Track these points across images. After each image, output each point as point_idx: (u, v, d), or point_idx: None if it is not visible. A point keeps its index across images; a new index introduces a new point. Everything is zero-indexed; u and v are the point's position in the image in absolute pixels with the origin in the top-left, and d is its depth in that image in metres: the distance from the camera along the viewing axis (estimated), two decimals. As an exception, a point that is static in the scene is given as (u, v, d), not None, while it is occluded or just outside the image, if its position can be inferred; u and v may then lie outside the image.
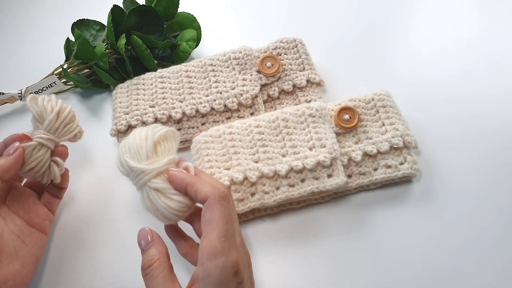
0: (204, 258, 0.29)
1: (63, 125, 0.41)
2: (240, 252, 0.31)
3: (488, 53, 0.55)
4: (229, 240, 0.30)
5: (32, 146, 0.39)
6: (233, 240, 0.31)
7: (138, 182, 0.34)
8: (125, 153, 0.35)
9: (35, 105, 0.41)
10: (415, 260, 0.38)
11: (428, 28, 0.60)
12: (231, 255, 0.29)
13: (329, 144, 0.41)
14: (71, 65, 0.58)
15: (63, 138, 0.42)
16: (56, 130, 0.41)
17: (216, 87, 0.50)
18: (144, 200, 0.34)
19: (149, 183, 0.33)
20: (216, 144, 0.44)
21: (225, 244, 0.30)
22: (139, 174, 0.34)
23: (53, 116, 0.41)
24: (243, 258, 0.31)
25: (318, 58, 0.54)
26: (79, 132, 0.44)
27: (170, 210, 0.33)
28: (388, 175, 0.42)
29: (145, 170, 0.33)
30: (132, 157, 0.34)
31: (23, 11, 0.76)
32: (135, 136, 0.35)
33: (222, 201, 0.31)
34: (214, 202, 0.31)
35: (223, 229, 0.30)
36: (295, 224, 0.42)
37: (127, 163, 0.34)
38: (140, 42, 0.55)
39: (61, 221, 0.46)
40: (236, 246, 0.31)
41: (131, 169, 0.34)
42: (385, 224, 0.41)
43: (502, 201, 0.41)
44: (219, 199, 0.31)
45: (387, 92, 0.46)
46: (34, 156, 0.39)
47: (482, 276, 0.37)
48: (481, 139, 0.46)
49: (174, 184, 0.34)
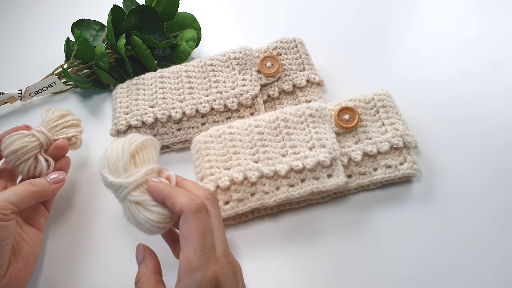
0: (182, 275, 0.29)
1: (61, 126, 0.45)
2: (220, 263, 0.30)
3: (488, 53, 0.55)
4: (207, 254, 0.29)
5: (23, 134, 0.42)
6: (211, 253, 0.30)
7: (118, 195, 0.34)
8: (103, 168, 0.34)
9: (46, 112, 0.46)
10: (415, 260, 0.38)
11: (428, 28, 0.60)
12: (208, 269, 0.29)
13: (329, 144, 0.41)
14: (71, 65, 0.58)
15: (58, 137, 0.44)
16: (53, 128, 0.44)
17: (216, 87, 0.50)
18: (126, 214, 0.34)
19: (128, 197, 0.33)
20: (216, 144, 0.44)
21: (202, 258, 0.29)
22: (118, 188, 0.33)
23: (54, 116, 0.45)
24: (225, 269, 0.30)
25: (318, 58, 0.54)
26: (75, 137, 0.46)
27: (150, 223, 0.32)
28: (388, 175, 0.42)
29: (123, 184, 0.33)
30: (110, 171, 0.34)
31: (23, 11, 0.76)
32: (112, 149, 0.35)
33: (198, 213, 0.31)
34: (189, 215, 0.30)
35: (199, 243, 0.30)
36: (295, 224, 0.42)
37: (105, 178, 0.34)
38: (140, 42, 0.55)
39: (60, 221, 0.46)
40: (216, 258, 0.30)
41: (110, 184, 0.34)
42: (385, 224, 0.41)
43: (502, 201, 0.41)
44: (194, 211, 0.31)
45: (387, 92, 0.46)
46: (22, 140, 0.41)
47: (482, 276, 0.37)
48: (481, 139, 0.46)
49: (153, 196, 0.33)
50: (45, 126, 0.44)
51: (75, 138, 0.46)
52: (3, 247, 0.35)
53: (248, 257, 0.40)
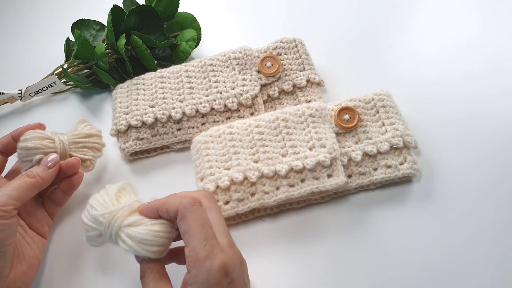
0: (191, 266, 0.30)
1: (82, 145, 0.44)
2: (226, 252, 0.30)
3: (488, 53, 0.55)
4: (211, 242, 0.30)
5: (46, 136, 0.42)
6: (214, 241, 0.30)
7: (113, 228, 0.33)
8: (91, 211, 0.35)
9: (79, 123, 0.45)
10: (415, 260, 0.38)
11: (428, 28, 0.60)
12: (215, 257, 0.29)
13: (329, 144, 0.41)
14: (71, 65, 0.58)
15: (73, 154, 0.43)
16: (75, 143, 0.43)
17: (216, 87, 0.50)
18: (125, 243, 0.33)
19: (124, 223, 0.33)
20: (216, 144, 0.44)
21: (207, 247, 0.29)
22: (110, 220, 0.33)
23: (82, 133, 0.44)
24: (232, 258, 0.31)
25: (318, 58, 0.54)
26: (90, 161, 0.45)
27: (154, 234, 0.32)
28: (388, 175, 0.42)
29: (116, 211, 0.34)
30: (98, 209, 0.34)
31: (23, 11, 0.76)
32: (94, 198, 0.36)
33: (192, 207, 0.31)
34: (184, 212, 0.31)
35: (201, 233, 0.30)
36: (295, 224, 0.42)
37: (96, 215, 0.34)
38: (140, 42, 0.55)
39: (59, 221, 0.46)
40: (221, 247, 0.30)
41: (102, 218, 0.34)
42: (385, 224, 0.41)
43: (502, 201, 0.41)
44: (188, 206, 0.31)
45: (387, 92, 0.46)
46: (40, 141, 0.41)
47: (482, 276, 0.37)
48: (481, 139, 0.46)
49: (148, 216, 0.34)
50: (68, 137, 0.43)
51: (89, 162, 0.45)
52: (7, 246, 0.35)
53: (248, 257, 0.40)
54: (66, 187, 0.43)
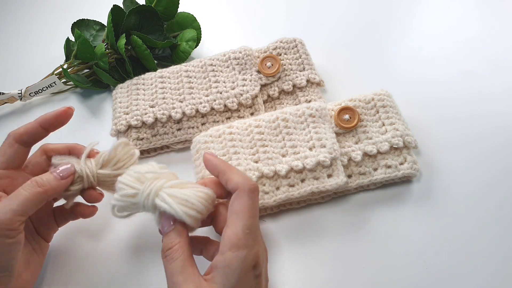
0: (226, 248, 0.29)
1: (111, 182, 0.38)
2: (261, 245, 0.32)
3: (488, 53, 0.55)
4: (253, 233, 0.30)
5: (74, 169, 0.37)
6: (257, 233, 0.31)
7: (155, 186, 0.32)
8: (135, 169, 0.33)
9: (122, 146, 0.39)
10: (415, 260, 0.38)
11: (428, 28, 0.60)
12: (253, 248, 0.30)
13: (329, 144, 0.41)
14: (71, 65, 0.58)
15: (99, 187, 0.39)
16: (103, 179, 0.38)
17: (216, 87, 0.50)
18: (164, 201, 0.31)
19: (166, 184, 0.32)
20: (216, 144, 0.44)
21: (249, 236, 0.30)
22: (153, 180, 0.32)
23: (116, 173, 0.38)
24: (264, 252, 0.32)
25: (318, 58, 0.54)
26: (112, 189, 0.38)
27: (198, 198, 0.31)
28: (388, 175, 0.42)
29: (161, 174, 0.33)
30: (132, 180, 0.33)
31: (23, 11, 0.76)
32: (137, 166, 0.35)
33: (252, 194, 0.31)
34: (243, 194, 0.31)
35: (248, 221, 0.30)
36: (295, 224, 0.42)
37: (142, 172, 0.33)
38: (140, 42, 0.55)
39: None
40: (258, 240, 0.31)
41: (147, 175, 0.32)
42: (385, 224, 0.41)
43: (502, 201, 0.41)
44: (248, 191, 0.31)
45: (387, 92, 0.46)
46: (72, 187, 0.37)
47: (482, 276, 0.37)
48: (481, 139, 0.46)
49: (208, 169, 0.34)
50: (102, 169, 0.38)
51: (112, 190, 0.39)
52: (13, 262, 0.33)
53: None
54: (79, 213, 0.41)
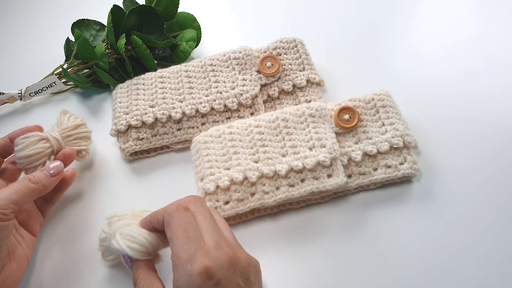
0: (174, 270, 0.30)
1: (74, 137, 0.45)
2: (211, 254, 0.29)
3: (488, 52, 0.55)
4: (192, 246, 0.30)
5: (39, 136, 0.42)
6: (196, 245, 0.30)
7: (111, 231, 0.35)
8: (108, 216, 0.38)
9: (62, 115, 0.47)
10: (415, 260, 0.38)
11: (428, 28, 0.60)
12: (196, 260, 0.29)
13: (329, 144, 0.41)
14: (71, 65, 0.58)
15: (68, 146, 0.45)
16: (67, 137, 0.45)
17: (216, 87, 0.50)
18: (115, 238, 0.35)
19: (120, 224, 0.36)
20: (216, 144, 0.44)
21: (188, 251, 0.29)
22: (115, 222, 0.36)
23: (70, 125, 0.45)
24: (217, 260, 0.29)
25: (318, 58, 0.54)
26: (85, 151, 0.47)
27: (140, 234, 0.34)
28: (388, 175, 0.42)
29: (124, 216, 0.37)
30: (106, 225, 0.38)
31: (23, 11, 0.76)
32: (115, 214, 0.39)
33: (175, 213, 0.32)
34: (168, 219, 0.32)
35: (183, 237, 0.30)
36: (295, 224, 0.42)
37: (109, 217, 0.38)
38: (140, 42, 0.55)
39: (58, 220, 0.46)
40: (205, 250, 0.30)
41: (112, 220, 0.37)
42: (385, 224, 0.41)
43: (502, 201, 0.41)
44: (171, 213, 0.32)
45: (387, 92, 0.46)
46: (37, 145, 0.42)
47: (482, 276, 0.37)
48: (481, 139, 0.46)
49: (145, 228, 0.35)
50: (59, 132, 0.44)
51: (84, 151, 0.46)
52: (1, 247, 0.35)
53: (248, 257, 0.40)
54: (59, 184, 0.43)
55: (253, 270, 0.32)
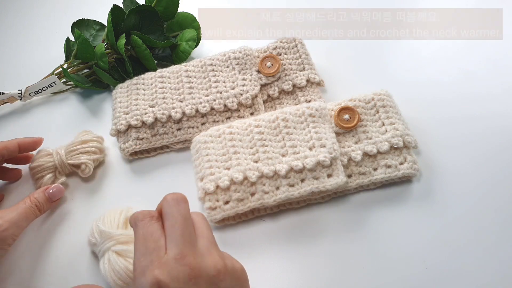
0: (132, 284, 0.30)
1: (77, 151, 0.47)
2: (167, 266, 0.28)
3: (488, 53, 0.55)
4: (148, 257, 0.28)
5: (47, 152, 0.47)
6: (154, 255, 0.28)
7: (103, 246, 0.38)
8: (99, 221, 0.40)
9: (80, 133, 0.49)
10: (415, 260, 0.38)
11: (428, 28, 0.60)
12: (148, 273, 0.27)
13: (329, 144, 0.41)
14: (71, 65, 0.58)
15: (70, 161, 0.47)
16: (70, 152, 0.47)
17: (216, 87, 0.50)
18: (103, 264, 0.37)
19: (113, 248, 0.38)
20: (216, 144, 0.44)
21: (144, 263, 0.28)
22: (106, 239, 0.38)
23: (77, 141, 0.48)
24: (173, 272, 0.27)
25: (318, 58, 0.54)
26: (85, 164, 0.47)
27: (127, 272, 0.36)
28: (388, 175, 0.42)
29: (113, 235, 0.38)
30: (104, 225, 0.40)
31: (23, 11, 0.76)
32: (110, 212, 0.41)
33: (139, 223, 0.30)
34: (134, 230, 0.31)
35: (141, 248, 0.29)
36: (295, 224, 0.42)
37: (99, 228, 0.40)
38: (140, 42, 0.55)
39: (58, 220, 0.46)
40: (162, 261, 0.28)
41: (100, 233, 0.39)
42: (385, 224, 0.41)
43: (502, 201, 0.41)
44: (135, 222, 0.31)
45: (387, 92, 0.46)
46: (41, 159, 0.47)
47: (482, 276, 0.37)
48: (481, 139, 0.46)
49: None
50: (65, 148, 0.47)
51: (84, 165, 0.47)
52: None
53: (248, 257, 0.40)
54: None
55: (228, 277, 0.29)
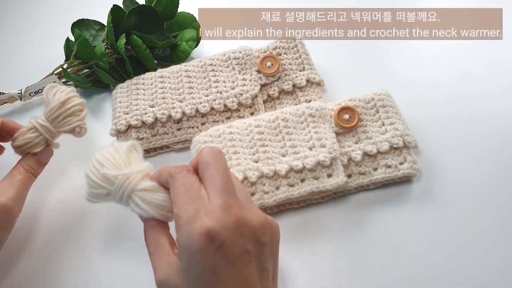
0: (176, 231, 0.29)
1: (63, 116, 0.42)
2: (214, 215, 0.28)
3: (488, 53, 0.55)
4: (193, 206, 0.28)
5: (28, 127, 0.42)
6: (199, 204, 0.28)
7: (125, 191, 0.32)
8: (101, 169, 0.33)
9: (49, 93, 0.43)
10: (415, 260, 0.38)
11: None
12: (196, 221, 0.27)
13: (329, 144, 0.41)
14: (71, 65, 0.58)
15: (60, 129, 0.42)
16: (55, 119, 0.42)
17: (216, 87, 0.50)
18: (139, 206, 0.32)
19: (137, 187, 0.32)
20: (216, 144, 0.44)
21: (189, 211, 0.28)
22: (124, 182, 0.32)
23: (55, 105, 0.42)
24: (221, 221, 0.28)
25: (318, 58, 0.54)
26: (79, 127, 0.43)
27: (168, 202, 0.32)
28: (388, 175, 0.42)
29: (131, 174, 0.32)
30: (110, 168, 0.33)
31: (23, 11, 0.76)
32: (102, 154, 0.34)
33: (177, 175, 0.30)
34: (170, 181, 0.31)
35: (184, 197, 0.29)
36: (295, 224, 0.42)
37: (108, 175, 0.32)
38: (140, 42, 0.55)
39: (57, 220, 0.46)
40: (208, 210, 0.28)
41: (114, 179, 0.32)
42: (385, 224, 0.41)
43: (502, 201, 0.41)
44: (173, 174, 0.31)
45: (387, 92, 0.46)
46: (26, 135, 0.41)
47: (482, 276, 0.37)
48: (481, 139, 0.46)
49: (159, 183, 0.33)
50: (46, 117, 0.42)
51: (78, 128, 0.43)
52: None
53: (248, 257, 0.40)
54: None
55: (268, 231, 0.30)
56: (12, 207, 0.38)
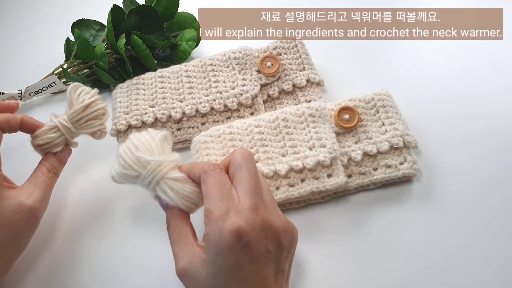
0: (206, 223, 0.30)
1: (86, 119, 0.42)
2: (244, 215, 0.29)
3: (488, 53, 0.55)
4: (226, 204, 0.30)
5: (50, 126, 0.41)
6: (231, 202, 0.30)
7: (155, 177, 0.33)
8: (136, 152, 0.34)
9: (72, 92, 0.43)
10: (415, 260, 0.38)
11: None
12: (228, 219, 0.29)
13: (329, 144, 0.41)
14: (71, 65, 0.58)
15: (82, 131, 0.43)
16: (77, 121, 0.42)
17: (216, 87, 0.50)
18: (166, 194, 0.33)
19: (168, 175, 0.33)
20: (216, 144, 0.44)
21: (221, 208, 0.30)
22: (156, 168, 0.33)
23: (79, 108, 0.42)
24: (250, 221, 0.29)
25: (318, 58, 0.54)
26: (100, 131, 0.44)
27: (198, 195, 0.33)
28: (388, 175, 0.42)
29: (163, 162, 0.34)
30: (144, 153, 0.34)
31: (23, 11, 0.76)
32: (138, 138, 0.35)
33: (211, 172, 0.32)
34: (204, 177, 0.32)
35: (217, 195, 0.30)
36: (295, 224, 0.42)
37: (143, 159, 0.33)
38: (140, 42, 0.55)
39: (57, 221, 0.46)
40: (238, 210, 0.29)
41: (147, 164, 0.33)
42: (385, 224, 0.41)
43: (502, 201, 0.41)
44: (207, 171, 0.32)
45: (387, 92, 0.46)
46: (47, 135, 0.41)
47: (482, 276, 0.37)
48: (481, 139, 0.46)
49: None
50: (69, 118, 0.42)
51: (99, 132, 0.44)
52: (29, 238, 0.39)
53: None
54: None
55: (289, 235, 0.32)
56: (38, 209, 0.38)
